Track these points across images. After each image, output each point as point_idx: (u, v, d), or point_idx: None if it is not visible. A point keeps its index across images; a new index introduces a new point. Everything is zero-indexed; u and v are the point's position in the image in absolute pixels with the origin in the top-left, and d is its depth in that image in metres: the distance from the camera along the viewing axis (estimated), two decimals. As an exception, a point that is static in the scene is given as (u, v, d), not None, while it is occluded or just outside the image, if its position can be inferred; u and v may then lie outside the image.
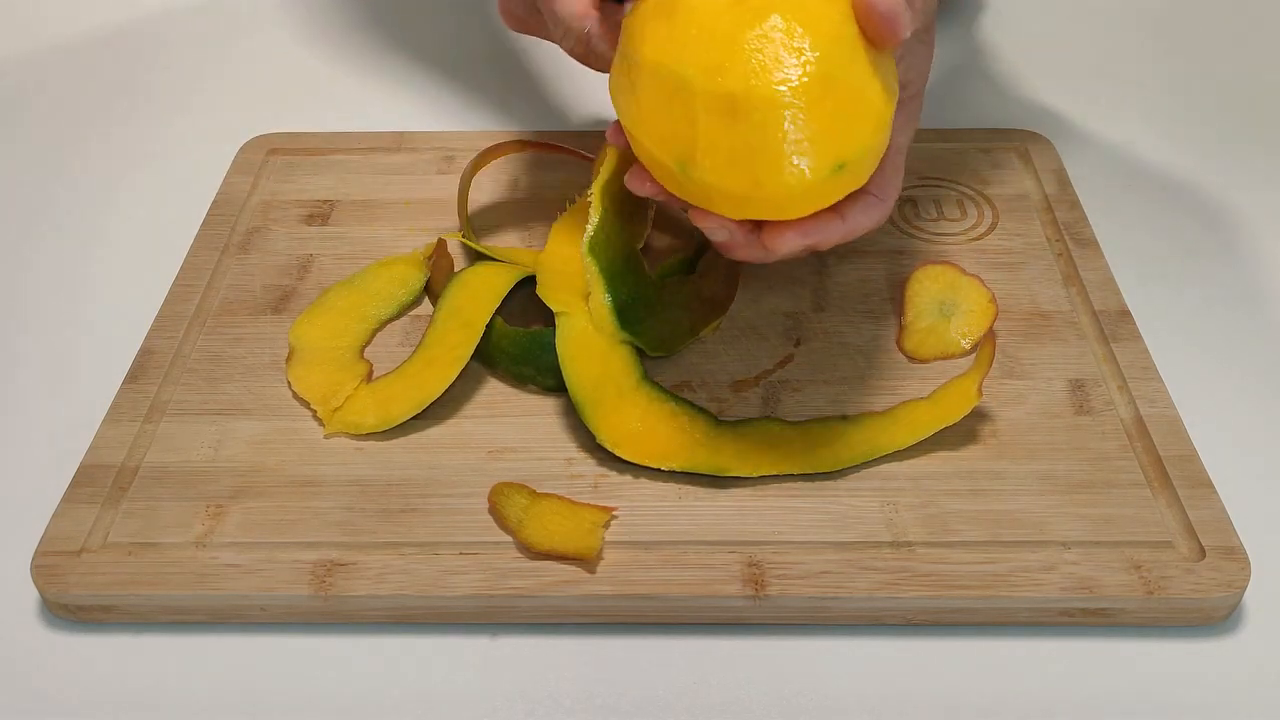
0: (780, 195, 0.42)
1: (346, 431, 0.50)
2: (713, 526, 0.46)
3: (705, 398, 0.52)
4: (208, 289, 0.57)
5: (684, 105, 0.42)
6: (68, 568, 0.45)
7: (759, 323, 0.55)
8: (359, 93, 0.74)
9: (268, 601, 0.44)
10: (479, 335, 0.52)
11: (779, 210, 0.44)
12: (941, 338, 0.54)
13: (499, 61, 0.77)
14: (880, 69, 0.43)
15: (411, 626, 0.45)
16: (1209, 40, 0.79)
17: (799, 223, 0.45)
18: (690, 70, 0.41)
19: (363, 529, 0.46)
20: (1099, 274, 0.57)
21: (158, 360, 0.53)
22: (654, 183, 0.46)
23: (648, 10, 0.44)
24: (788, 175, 0.42)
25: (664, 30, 0.43)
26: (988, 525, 0.46)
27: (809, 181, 0.42)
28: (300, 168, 0.65)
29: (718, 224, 0.46)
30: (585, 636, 0.45)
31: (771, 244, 0.46)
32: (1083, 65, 0.76)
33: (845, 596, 0.44)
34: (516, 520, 0.46)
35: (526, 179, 0.64)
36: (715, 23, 0.42)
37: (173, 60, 0.78)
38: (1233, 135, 0.70)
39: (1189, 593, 0.44)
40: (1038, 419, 0.50)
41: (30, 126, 0.72)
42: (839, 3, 0.42)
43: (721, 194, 0.43)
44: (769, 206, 0.44)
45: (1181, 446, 0.49)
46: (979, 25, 0.80)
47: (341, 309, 0.55)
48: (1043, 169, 0.64)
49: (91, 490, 0.48)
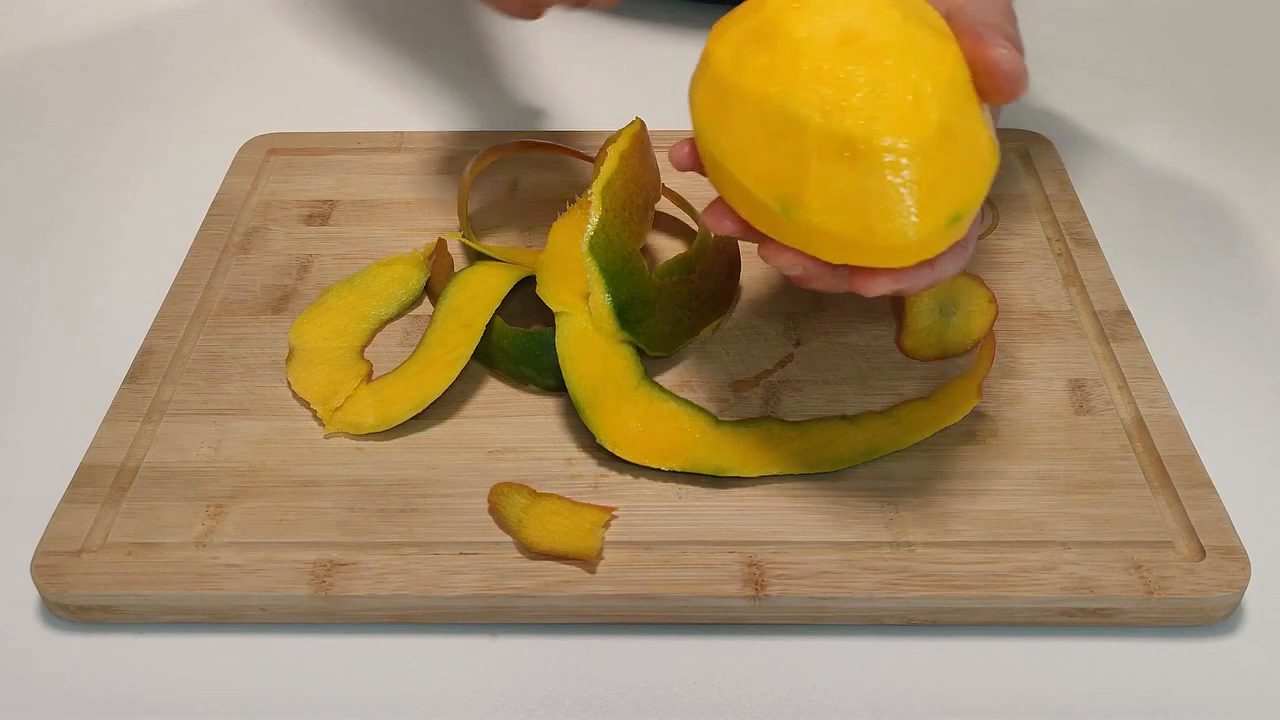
0: (892, 243, 0.40)
1: (346, 431, 0.50)
2: (713, 526, 0.46)
3: (705, 398, 0.52)
4: (208, 289, 0.57)
5: (794, 143, 0.39)
6: (68, 568, 0.45)
7: (759, 323, 0.55)
8: (359, 93, 0.74)
9: (268, 601, 0.44)
10: (479, 335, 0.52)
11: (884, 259, 0.41)
12: (941, 338, 0.54)
13: (499, 61, 0.77)
14: (987, 117, 0.41)
15: (411, 626, 0.45)
16: (1209, 40, 0.79)
17: (896, 270, 0.43)
18: (804, 109, 0.39)
19: (363, 529, 0.46)
20: (1099, 274, 0.57)
21: (158, 360, 0.53)
22: (736, 220, 0.44)
23: (739, 34, 0.42)
24: (902, 224, 0.39)
25: (765, 59, 0.40)
26: (988, 525, 0.46)
27: (923, 232, 0.40)
28: (300, 168, 0.65)
29: (794, 260, 0.43)
30: (585, 636, 0.45)
31: (862, 287, 0.43)
32: (1083, 65, 0.76)
33: (845, 596, 0.44)
34: (516, 520, 0.46)
35: (526, 179, 0.64)
36: (827, 59, 0.39)
37: (173, 60, 0.78)
38: (1233, 135, 0.70)
39: (1189, 593, 0.44)
40: (1038, 419, 0.50)
41: (30, 127, 0.72)
42: (950, 45, 0.41)
43: (826, 238, 0.41)
44: (876, 254, 0.41)
45: (1181, 446, 0.49)
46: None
47: (341, 309, 0.55)
48: (1043, 169, 0.64)
49: (91, 490, 0.48)
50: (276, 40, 0.79)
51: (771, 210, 0.41)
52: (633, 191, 0.53)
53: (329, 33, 0.80)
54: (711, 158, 0.43)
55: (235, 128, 0.68)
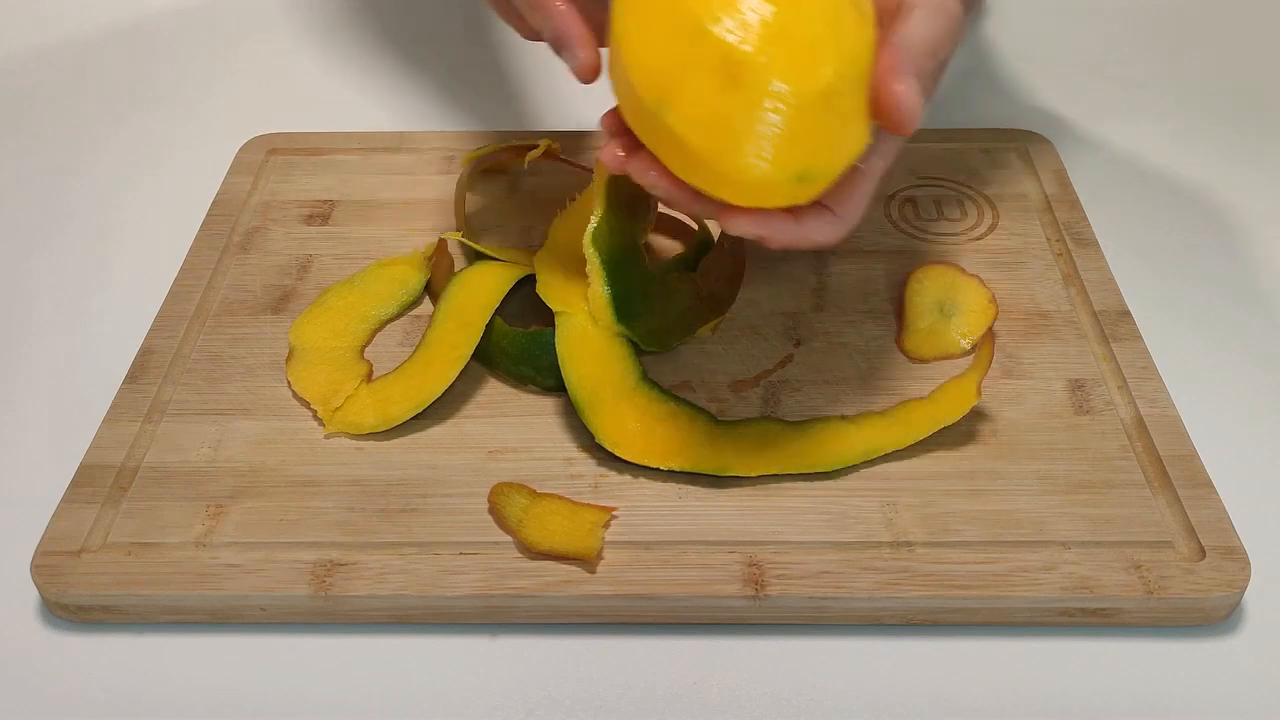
0: (733, 175, 0.41)
1: (346, 431, 0.50)
2: (713, 526, 0.46)
3: (705, 398, 0.52)
4: (208, 289, 0.57)
5: (689, 48, 0.40)
6: (68, 568, 0.45)
7: (759, 323, 0.55)
8: (359, 93, 0.74)
9: (268, 601, 0.44)
10: (478, 335, 0.52)
11: (719, 188, 0.43)
12: (941, 338, 0.54)
13: (499, 61, 0.77)
14: (866, 114, 0.42)
15: (411, 626, 0.45)
16: (1209, 40, 0.79)
17: (755, 212, 0.44)
18: (711, 23, 0.40)
19: (363, 529, 0.46)
20: (1099, 274, 0.57)
21: (158, 360, 0.53)
22: (616, 120, 0.45)
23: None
24: (751, 161, 0.41)
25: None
26: (988, 525, 0.46)
27: (767, 177, 0.41)
28: (300, 168, 0.65)
29: (654, 174, 0.44)
30: (585, 636, 0.45)
31: (723, 219, 0.44)
32: (1083, 65, 0.76)
33: (845, 596, 0.44)
34: (516, 520, 0.46)
35: (526, 179, 0.64)
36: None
37: (173, 60, 0.78)
38: (1233, 135, 0.70)
39: (1189, 593, 0.44)
40: (1037, 419, 0.50)
41: (30, 127, 0.72)
42: (868, 31, 0.41)
43: (681, 149, 0.42)
44: (716, 181, 0.42)
45: (1181, 446, 0.49)
46: (980, 26, 0.80)
47: (341, 309, 0.55)
48: (1043, 169, 0.64)
49: (91, 490, 0.48)
50: (276, 40, 0.79)
51: (645, 105, 0.42)
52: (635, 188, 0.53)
53: (329, 33, 0.79)
54: (614, 37, 0.43)
55: (235, 128, 0.68)
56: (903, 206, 0.62)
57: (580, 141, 0.64)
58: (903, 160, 0.64)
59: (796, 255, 0.58)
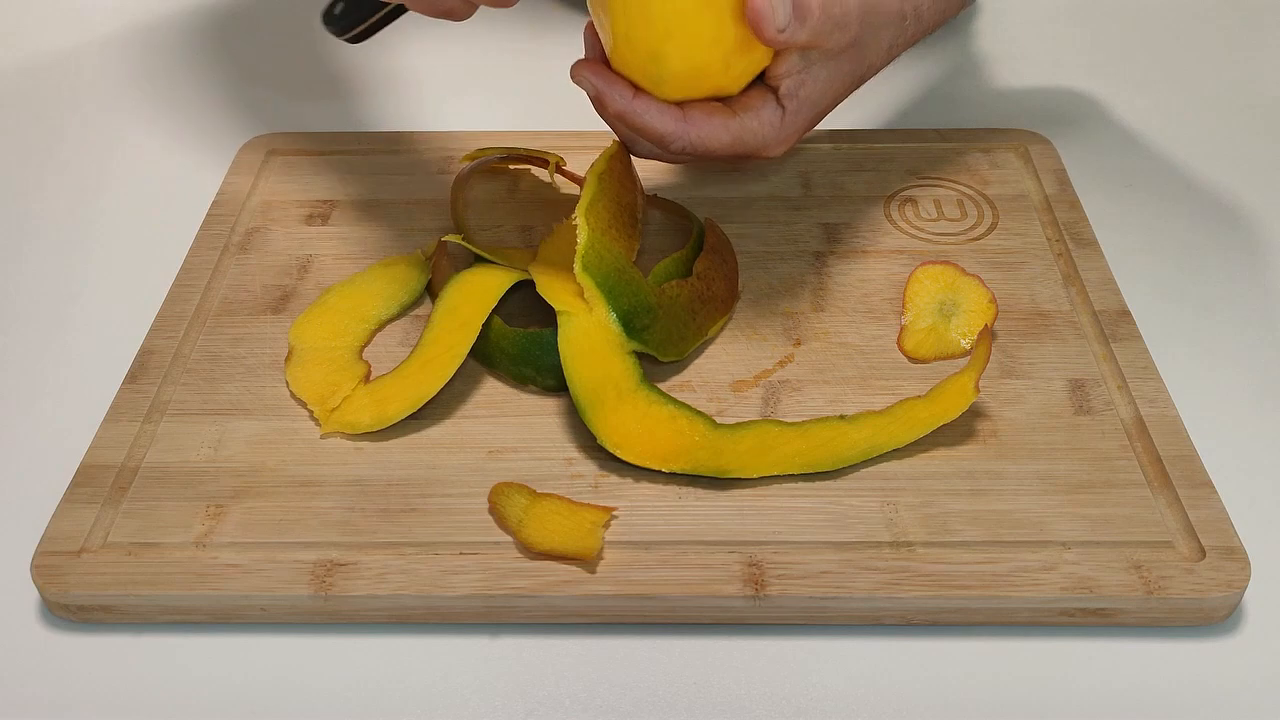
0: (611, 47, 0.49)
1: (343, 431, 0.50)
2: (713, 527, 0.46)
3: (705, 398, 0.52)
4: (208, 289, 0.57)
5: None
6: (68, 568, 0.45)
7: (759, 323, 0.55)
8: (359, 93, 0.74)
9: (268, 601, 0.44)
10: (475, 334, 0.52)
11: (612, 52, 0.50)
12: (941, 338, 0.54)
13: (499, 62, 0.77)
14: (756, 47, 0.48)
15: (411, 626, 0.45)
16: (1209, 40, 0.79)
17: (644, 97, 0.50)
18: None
19: (363, 529, 0.46)
20: (1099, 274, 0.57)
21: (158, 360, 0.53)
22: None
23: None
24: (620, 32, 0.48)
25: None
26: (988, 525, 0.46)
27: (621, 52, 0.48)
28: (300, 168, 0.65)
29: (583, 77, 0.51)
30: (585, 636, 0.45)
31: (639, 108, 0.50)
32: (1083, 65, 0.76)
33: (845, 596, 0.44)
34: (516, 520, 0.46)
35: (526, 180, 0.64)
36: None
37: (173, 60, 0.78)
38: (1233, 135, 0.70)
39: (1189, 593, 0.44)
40: (1037, 419, 0.50)
41: (31, 126, 0.72)
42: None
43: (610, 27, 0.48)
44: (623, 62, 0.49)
45: (1181, 446, 0.49)
46: (979, 26, 0.80)
47: (341, 309, 0.55)
48: (1043, 169, 0.64)
49: (91, 490, 0.48)
50: (276, 40, 0.79)
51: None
52: (615, 211, 0.53)
53: (329, 33, 0.79)
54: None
55: (235, 128, 0.68)
56: (903, 206, 0.62)
57: (583, 142, 0.64)
58: (903, 160, 0.65)
59: (796, 255, 0.58)
